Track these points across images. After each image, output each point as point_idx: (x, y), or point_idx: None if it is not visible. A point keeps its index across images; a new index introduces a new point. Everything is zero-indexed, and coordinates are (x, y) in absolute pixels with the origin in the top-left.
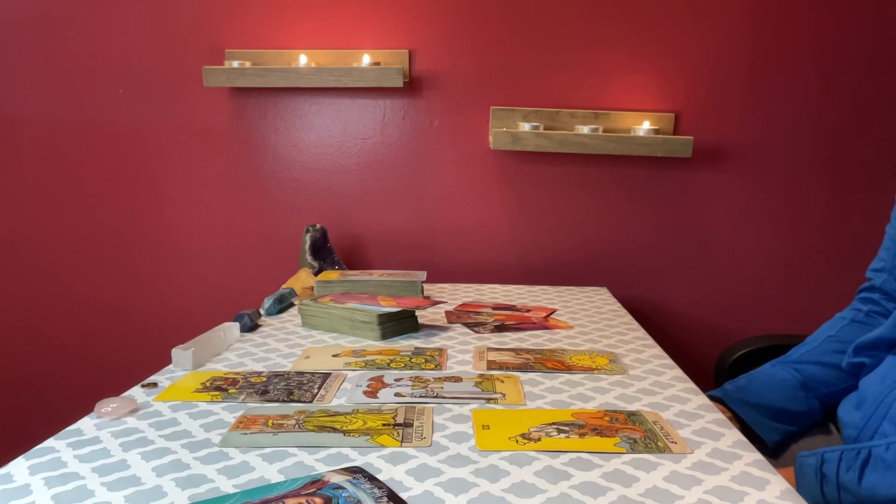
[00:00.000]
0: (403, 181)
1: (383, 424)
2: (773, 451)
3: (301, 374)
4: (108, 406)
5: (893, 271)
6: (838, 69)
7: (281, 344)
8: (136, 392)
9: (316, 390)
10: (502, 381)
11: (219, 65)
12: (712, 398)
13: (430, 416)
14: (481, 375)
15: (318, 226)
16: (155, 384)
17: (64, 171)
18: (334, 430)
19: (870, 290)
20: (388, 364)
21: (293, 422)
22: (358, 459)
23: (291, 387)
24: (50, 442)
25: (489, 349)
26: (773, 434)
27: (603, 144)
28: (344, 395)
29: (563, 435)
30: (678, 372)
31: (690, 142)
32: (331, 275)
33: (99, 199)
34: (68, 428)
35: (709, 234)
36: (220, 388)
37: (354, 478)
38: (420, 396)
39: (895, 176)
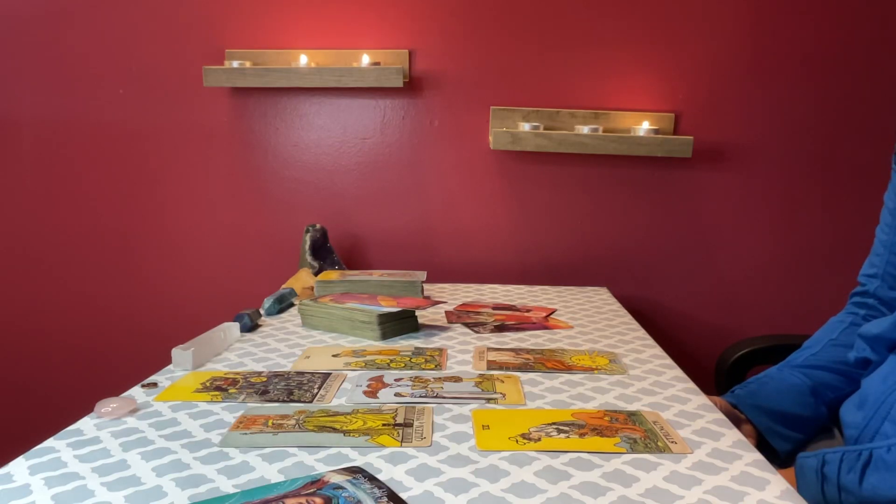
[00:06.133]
0: (403, 181)
1: (383, 424)
2: (783, 462)
3: (301, 374)
4: (108, 406)
5: (886, 278)
6: (838, 69)
7: (281, 344)
8: (136, 392)
9: (316, 390)
10: (502, 381)
11: (219, 65)
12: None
13: (430, 416)
14: (481, 375)
15: (318, 226)
16: (155, 384)
17: (64, 171)
18: (334, 430)
19: (863, 294)
20: (388, 364)
21: (293, 422)
22: (358, 459)
23: (291, 387)
24: (50, 442)
25: (489, 349)
26: (784, 443)
27: (603, 144)
28: (344, 395)
29: (563, 435)
30: (678, 372)
31: (690, 142)
32: (331, 275)
33: (99, 198)
34: (68, 428)
35: (709, 234)
36: (220, 388)
37: (354, 478)
38: (420, 396)
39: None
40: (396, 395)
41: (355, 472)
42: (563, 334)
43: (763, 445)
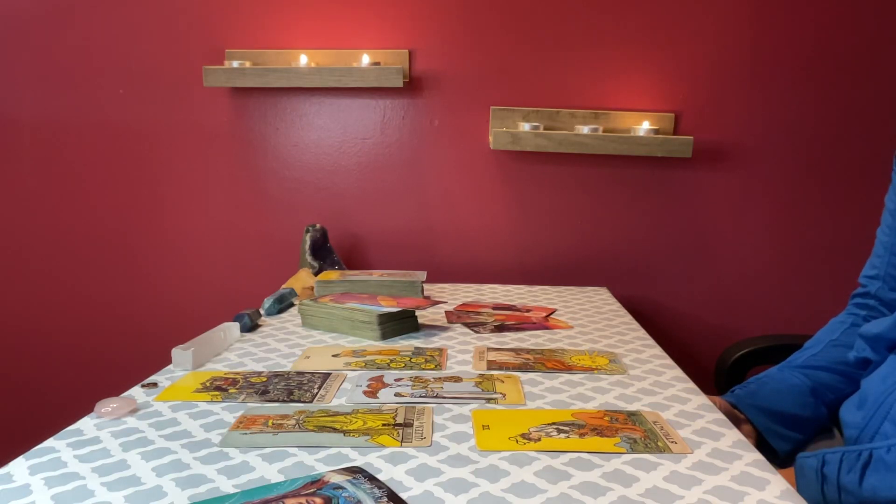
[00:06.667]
0: (403, 181)
1: (383, 424)
2: (783, 462)
3: (301, 374)
4: (108, 406)
5: (887, 279)
6: (838, 69)
7: (281, 344)
8: (136, 392)
9: (316, 390)
10: (502, 381)
11: (219, 65)
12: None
13: (430, 416)
14: (481, 375)
15: (318, 226)
16: (155, 384)
17: (64, 171)
18: (334, 430)
19: (864, 296)
20: (388, 364)
21: (293, 422)
22: (358, 459)
23: (291, 387)
24: (50, 442)
25: (489, 349)
26: (784, 443)
27: (603, 144)
28: (344, 395)
29: (563, 435)
30: (678, 372)
31: (690, 142)
32: (331, 275)
33: (99, 198)
34: (68, 428)
35: (709, 234)
36: (220, 388)
37: (354, 478)
38: (420, 396)
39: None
40: (396, 395)
41: (355, 472)
42: (563, 334)
43: (762, 445)
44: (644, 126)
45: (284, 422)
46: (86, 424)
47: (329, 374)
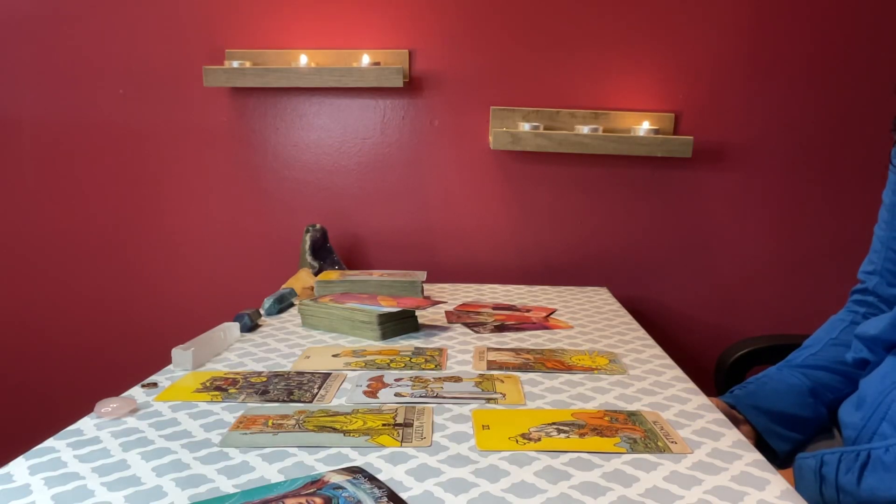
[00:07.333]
0: (403, 181)
1: (383, 424)
2: (782, 462)
3: (301, 374)
4: (108, 406)
5: (884, 274)
6: (838, 69)
7: (281, 344)
8: (136, 392)
9: (316, 390)
10: (502, 381)
11: (219, 65)
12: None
13: (430, 416)
14: (481, 375)
15: (318, 226)
16: (155, 384)
17: (64, 171)
18: (334, 430)
19: (863, 292)
20: (388, 364)
21: (293, 422)
22: (358, 459)
23: (291, 387)
24: (50, 442)
25: (489, 349)
26: (783, 443)
27: (603, 144)
28: (344, 395)
29: (563, 435)
30: (678, 372)
31: (690, 142)
32: (331, 275)
33: (99, 198)
34: (68, 428)
35: (709, 234)
36: (220, 388)
37: (354, 478)
38: (420, 396)
39: None
40: (396, 395)
41: (355, 472)
42: (563, 334)
43: (761, 446)
44: (644, 126)
45: (284, 422)
46: (86, 424)
47: (329, 374)
